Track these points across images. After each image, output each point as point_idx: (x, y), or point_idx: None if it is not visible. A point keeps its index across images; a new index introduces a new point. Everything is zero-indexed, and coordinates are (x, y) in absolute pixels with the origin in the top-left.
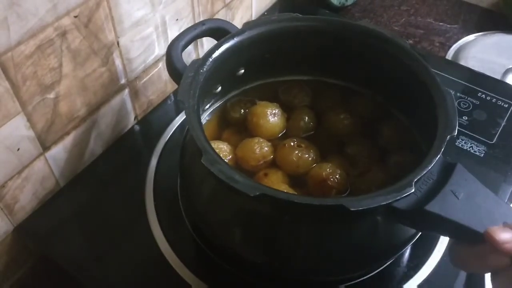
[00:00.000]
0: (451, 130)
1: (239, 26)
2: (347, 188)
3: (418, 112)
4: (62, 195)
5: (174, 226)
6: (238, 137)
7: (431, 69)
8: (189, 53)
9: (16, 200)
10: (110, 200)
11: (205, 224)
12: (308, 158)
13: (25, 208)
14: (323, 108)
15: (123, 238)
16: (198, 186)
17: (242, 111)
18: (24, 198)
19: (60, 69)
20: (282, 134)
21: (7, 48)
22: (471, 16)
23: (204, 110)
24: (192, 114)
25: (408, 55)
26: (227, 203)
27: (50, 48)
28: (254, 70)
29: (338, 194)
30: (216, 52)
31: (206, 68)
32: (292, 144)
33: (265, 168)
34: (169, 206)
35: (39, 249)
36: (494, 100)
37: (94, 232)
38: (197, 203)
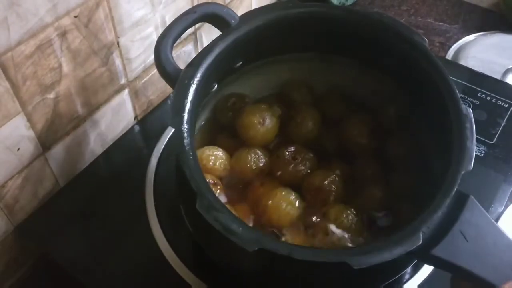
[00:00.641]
0: (467, 165)
1: None
2: (344, 194)
3: (432, 119)
4: (62, 195)
5: (174, 226)
6: (234, 140)
7: (451, 80)
8: (189, 53)
9: (16, 200)
10: (110, 200)
11: (203, 243)
12: (303, 171)
13: (25, 208)
14: (328, 108)
15: (123, 238)
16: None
17: (230, 114)
18: (24, 198)
19: (60, 69)
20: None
21: (7, 48)
22: (471, 16)
23: (199, 111)
24: (186, 151)
25: (427, 58)
26: (224, 245)
27: (50, 48)
28: (252, 60)
29: (337, 199)
30: (209, 56)
31: (199, 77)
32: (286, 155)
33: (261, 177)
34: (169, 206)
35: (39, 249)
36: (494, 100)
37: (94, 232)
38: (195, 219)
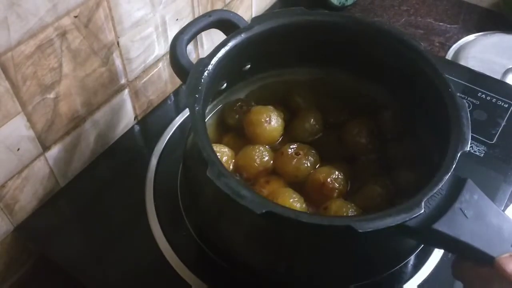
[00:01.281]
0: (464, 146)
1: None
2: (347, 189)
3: (430, 117)
4: (62, 195)
5: (174, 226)
6: (239, 140)
7: (446, 77)
8: (189, 52)
9: (16, 200)
10: (110, 200)
11: (207, 227)
12: (307, 167)
13: (25, 208)
14: (332, 111)
15: (123, 238)
16: (202, 191)
17: (237, 116)
18: (24, 198)
19: (60, 69)
20: (285, 136)
21: (7, 48)
22: (471, 16)
23: (208, 108)
24: (199, 122)
25: (423, 59)
26: (231, 214)
27: (50, 48)
28: (261, 64)
29: (339, 196)
30: (222, 50)
31: (212, 68)
32: (289, 151)
33: (266, 175)
34: (169, 206)
35: (39, 249)
36: (494, 100)
37: (94, 232)
38: (200, 207)
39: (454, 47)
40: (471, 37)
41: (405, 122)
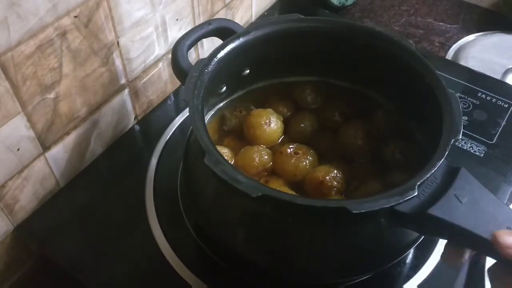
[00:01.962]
0: (456, 134)
1: None
2: (345, 187)
3: (423, 115)
4: (62, 195)
5: (174, 226)
6: (239, 143)
7: (436, 72)
8: (189, 53)
9: (16, 200)
10: (110, 200)
11: (207, 224)
12: (305, 166)
13: (25, 208)
14: (330, 113)
15: (123, 238)
16: (201, 187)
17: (237, 120)
18: (24, 198)
19: (60, 69)
20: (284, 138)
21: (7, 48)
22: (471, 16)
23: (208, 110)
24: (196, 114)
25: (414, 57)
26: (230, 203)
27: (50, 48)
28: (259, 70)
29: (338, 195)
30: (221, 52)
31: (211, 68)
32: (288, 151)
33: (265, 175)
34: (169, 206)
35: (39, 249)
36: (494, 100)
37: (94, 232)
38: (199, 203)
39: (454, 47)
40: (471, 37)
41: (400, 121)
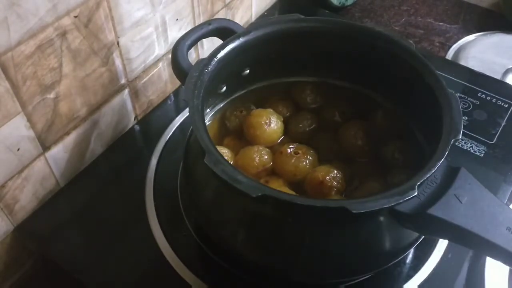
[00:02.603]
0: (456, 134)
1: None
2: (345, 187)
3: (423, 115)
4: (62, 195)
5: (174, 226)
6: (239, 143)
7: (436, 71)
8: (189, 53)
9: (16, 200)
10: (110, 200)
11: (207, 224)
12: (305, 166)
13: (25, 208)
14: (330, 113)
15: (123, 238)
16: (201, 187)
17: (238, 120)
18: (24, 198)
19: (60, 69)
20: (284, 138)
21: (7, 48)
22: (471, 16)
23: (209, 110)
24: (196, 114)
25: (414, 57)
26: (230, 203)
27: (50, 48)
28: (259, 71)
29: (338, 195)
30: (221, 52)
31: (211, 68)
32: (288, 151)
33: (265, 175)
34: (169, 206)
35: (39, 249)
36: (494, 100)
37: (94, 232)
38: (199, 203)
39: (454, 47)
40: (471, 37)
41: (400, 121)
